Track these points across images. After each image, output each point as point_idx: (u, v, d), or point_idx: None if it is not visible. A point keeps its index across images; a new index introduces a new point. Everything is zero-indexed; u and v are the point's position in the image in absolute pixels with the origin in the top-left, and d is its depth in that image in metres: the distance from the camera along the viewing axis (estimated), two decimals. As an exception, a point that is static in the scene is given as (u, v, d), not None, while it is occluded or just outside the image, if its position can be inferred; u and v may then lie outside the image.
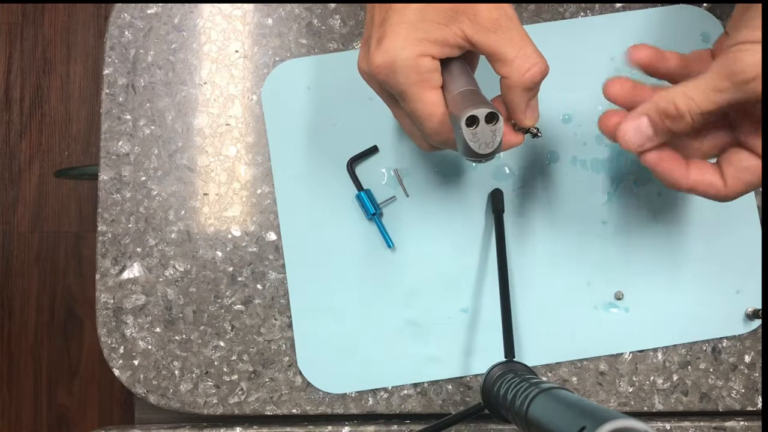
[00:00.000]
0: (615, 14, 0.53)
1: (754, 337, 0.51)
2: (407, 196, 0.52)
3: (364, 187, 0.52)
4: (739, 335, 0.51)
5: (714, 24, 0.53)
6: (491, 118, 0.36)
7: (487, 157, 0.37)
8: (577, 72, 0.53)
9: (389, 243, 0.51)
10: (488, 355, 0.51)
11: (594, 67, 0.53)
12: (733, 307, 0.51)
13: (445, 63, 0.39)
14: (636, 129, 0.39)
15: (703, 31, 0.53)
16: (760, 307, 0.51)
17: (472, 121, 0.36)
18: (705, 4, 0.54)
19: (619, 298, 0.51)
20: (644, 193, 0.52)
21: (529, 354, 0.51)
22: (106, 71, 0.53)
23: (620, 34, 0.53)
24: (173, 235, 0.52)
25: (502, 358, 0.44)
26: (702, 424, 0.50)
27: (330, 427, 0.50)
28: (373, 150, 0.52)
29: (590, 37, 0.53)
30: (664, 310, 0.51)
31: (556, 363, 0.51)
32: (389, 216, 0.52)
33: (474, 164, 0.52)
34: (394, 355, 0.51)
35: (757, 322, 0.51)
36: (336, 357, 0.51)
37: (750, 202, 0.52)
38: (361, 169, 0.52)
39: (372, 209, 0.51)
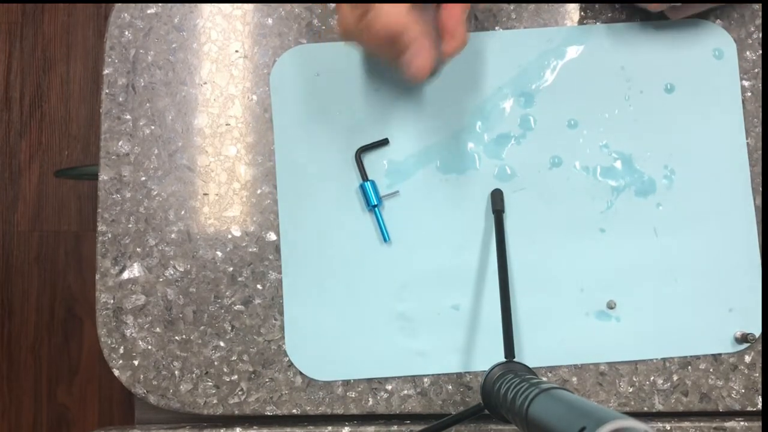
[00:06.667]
0: (627, 24, 0.53)
1: (754, 338, 0.51)
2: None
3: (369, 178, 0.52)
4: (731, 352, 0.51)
5: (726, 39, 0.53)
6: None
7: None
8: (587, 79, 0.53)
9: (385, 237, 0.51)
10: (488, 355, 0.51)
11: (604, 75, 0.53)
12: (724, 325, 0.51)
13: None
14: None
15: (716, 47, 0.53)
16: (750, 330, 0.51)
17: None
18: (718, 21, 0.53)
19: (611, 307, 0.51)
20: (644, 204, 0.52)
21: (530, 354, 0.51)
22: (106, 71, 0.53)
23: (631, 44, 0.53)
24: (173, 235, 0.52)
25: (502, 359, 0.44)
26: (702, 424, 0.50)
27: (330, 427, 0.50)
28: (384, 142, 0.52)
29: (602, 44, 0.53)
30: (655, 322, 0.51)
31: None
32: (389, 210, 0.52)
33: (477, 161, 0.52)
34: (383, 347, 0.51)
35: (745, 345, 0.51)
36: (324, 345, 0.51)
37: (749, 220, 0.52)
38: (365, 160, 0.52)
39: (373, 200, 0.51)
